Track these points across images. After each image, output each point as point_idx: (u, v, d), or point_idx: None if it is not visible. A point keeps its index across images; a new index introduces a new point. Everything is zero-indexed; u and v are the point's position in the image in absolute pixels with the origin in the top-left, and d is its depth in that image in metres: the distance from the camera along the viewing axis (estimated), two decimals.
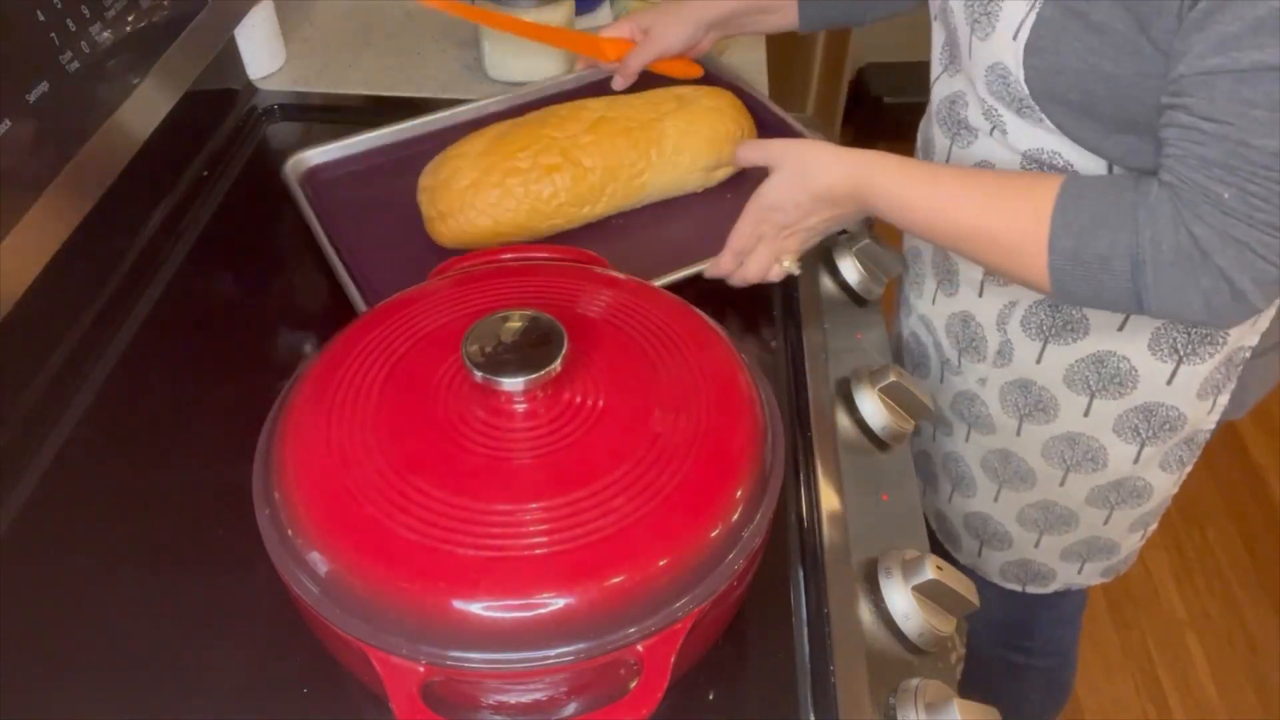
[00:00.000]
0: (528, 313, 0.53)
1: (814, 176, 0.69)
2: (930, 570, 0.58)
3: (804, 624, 0.60)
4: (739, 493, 0.50)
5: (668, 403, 0.52)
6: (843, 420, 0.72)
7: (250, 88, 1.04)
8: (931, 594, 0.59)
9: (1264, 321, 0.73)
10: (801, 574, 0.62)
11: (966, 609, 0.59)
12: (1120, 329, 0.73)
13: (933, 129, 0.78)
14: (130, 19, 0.76)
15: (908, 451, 0.73)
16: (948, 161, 0.76)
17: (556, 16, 0.99)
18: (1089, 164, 0.67)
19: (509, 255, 0.68)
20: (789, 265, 0.75)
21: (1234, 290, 0.57)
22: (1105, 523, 0.87)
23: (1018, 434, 0.83)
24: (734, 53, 1.09)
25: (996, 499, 0.90)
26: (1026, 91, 0.65)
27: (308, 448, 0.51)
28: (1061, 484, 0.84)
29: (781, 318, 0.79)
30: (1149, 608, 1.67)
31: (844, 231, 0.89)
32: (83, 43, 0.70)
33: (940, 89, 0.76)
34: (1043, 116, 0.66)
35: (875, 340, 0.81)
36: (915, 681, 0.55)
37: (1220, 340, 0.72)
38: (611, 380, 0.53)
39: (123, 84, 0.76)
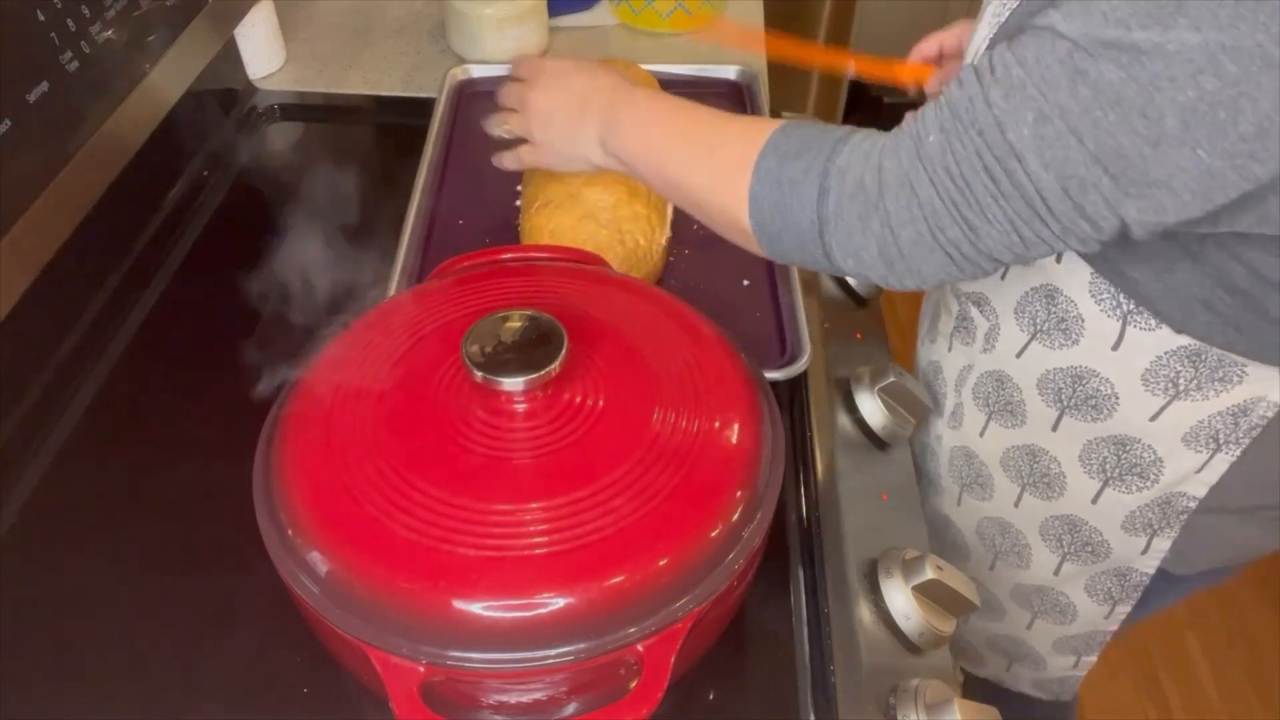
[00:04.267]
0: (528, 313, 0.53)
1: (598, 168, 0.69)
2: (930, 570, 0.58)
3: (804, 624, 0.60)
4: (739, 493, 0.50)
5: (668, 403, 0.52)
6: (843, 420, 0.72)
7: (250, 88, 1.04)
8: (931, 594, 0.59)
9: (1211, 474, 0.65)
10: (801, 574, 0.62)
11: (966, 609, 0.59)
12: (1054, 429, 0.68)
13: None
14: (130, 19, 0.76)
15: (908, 451, 0.73)
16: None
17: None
18: None
19: (509, 255, 0.68)
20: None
21: (896, 243, 0.52)
22: (1028, 627, 0.83)
23: (958, 503, 0.81)
24: (734, 52, 1.09)
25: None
26: None
27: (308, 448, 0.51)
28: (991, 568, 0.81)
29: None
30: None
31: None
32: (83, 43, 0.70)
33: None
34: None
35: (875, 340, 0.81)
36: (915, 681, 0.55)
37: (1152, 476, 0.66)
38: (611, 380, 0.53)
39: (123, 84, 0.76)
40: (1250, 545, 0.72)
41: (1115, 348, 0.62)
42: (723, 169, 0.59)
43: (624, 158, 0.66)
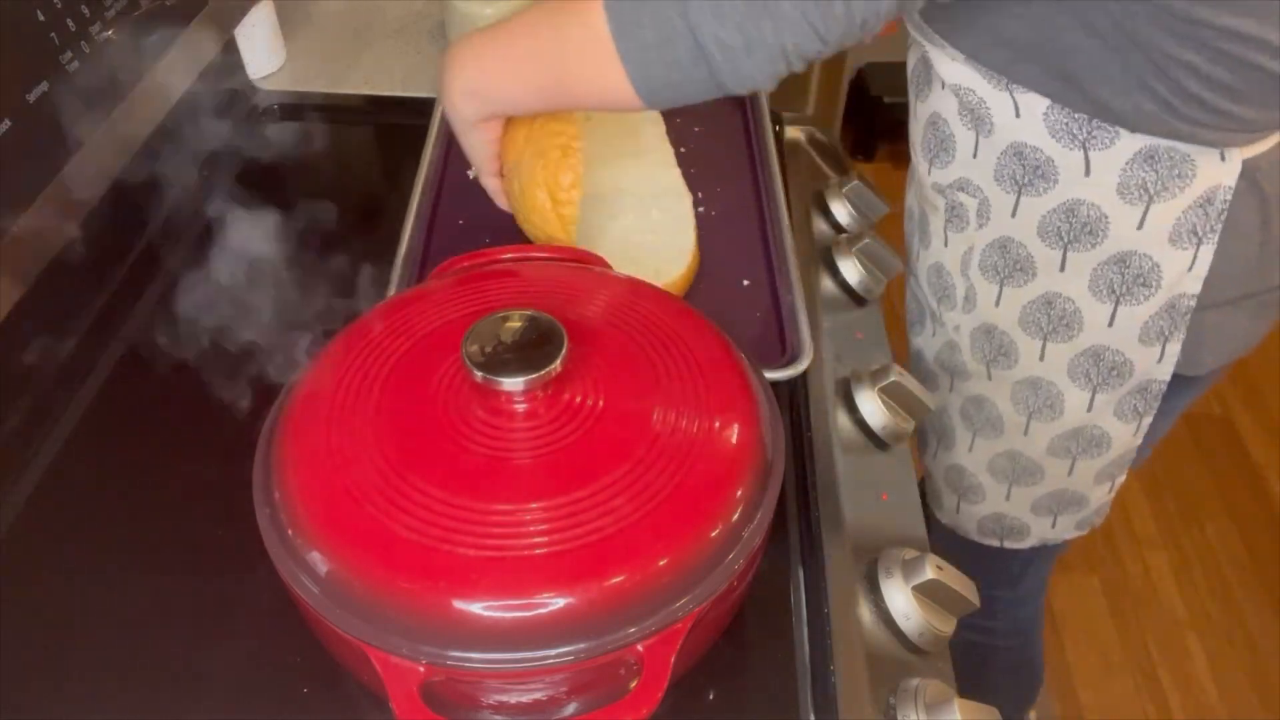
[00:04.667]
0: (528, 313, 0.53)
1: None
2: (930, 570, 0.58)
3: (804, 624, 0.60)
4: (739, 493, 0.50)
5: (668, 403, 0.52)
6: (843, 420, 0.72)
7: (250, 88, 1.04)
8: (931, 594, 0.59)
9: (1200, 267, 0.72)
10: (801, 574, 0.62)
11: (966, 609, 0.60)
12: (1061, 269, 0.74)
13: (910, 96, 0.82)
14: (130, 19, 0.76)
15: (908, 451, 0.73)
16: (916, 118, 0.80)
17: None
18: (965, 75, 0.70)
19: (509, 255, 0.68)
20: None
21: (764, 34, 0.55)
22: (1070, 474, 0.88)
23: (989, 378, 0.85)
24: None
25: (971, 449, 0.91)
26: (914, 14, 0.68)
27: (308, 447, 0.51)
28: (1025, 432, 0.86)
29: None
30: (1149, 607, 1.67)
31: (844, 231, 0.89)
32: (83, 43, 0.70)
33: (909, 58, 0.80)
34: (939, 39, 0.69)
35: (875, 340, 0.81)
36: (915, 681, 0.55)
37: (1154, 282, 0.72)
38: (611, 380, 0.53)
39: (122, 84, 0.76)
40: (1245, 336, 0.80)
41: (1087, 174, 0.69)
42: (570, 9, 0.60)
43: (486, 96, 0.68)
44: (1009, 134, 0.71)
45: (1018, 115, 0.69)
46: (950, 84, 0.72)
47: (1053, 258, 0.74)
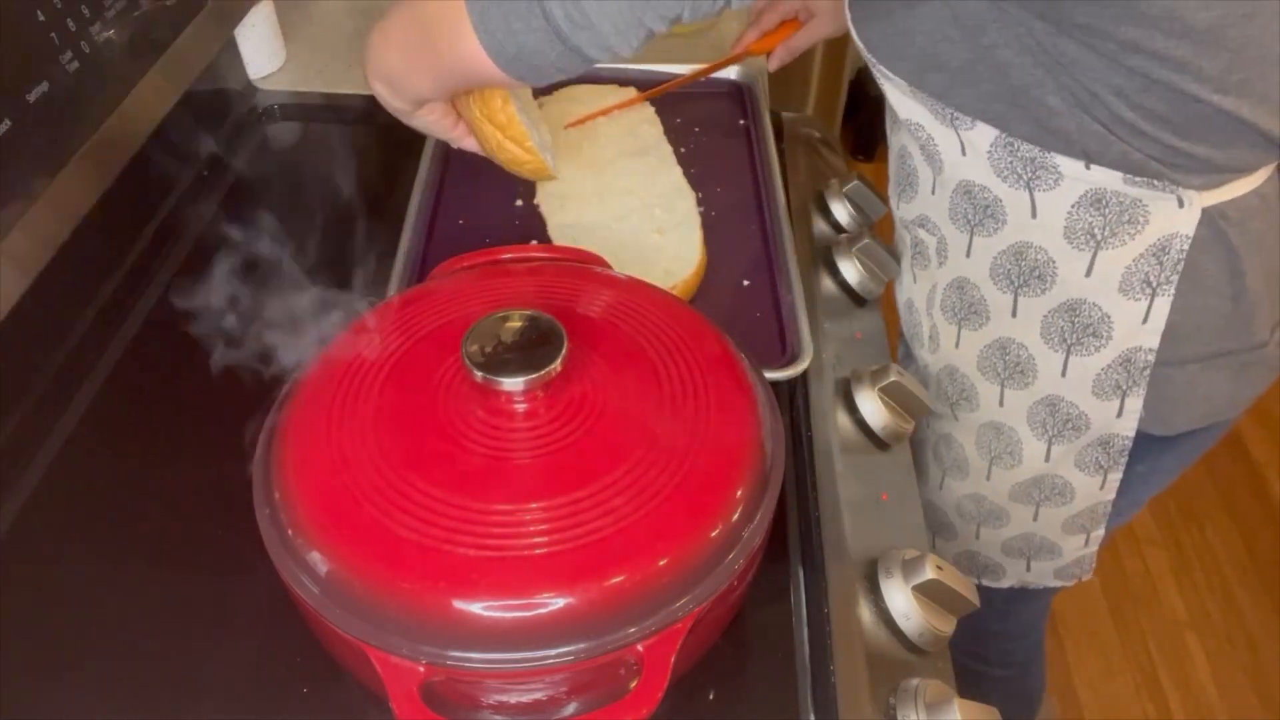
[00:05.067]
0: (528, 313, 0.53)
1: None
2: (930, 570, 0.58)
3: (804, 624, 0.60)
4: (739, 493, 0.50)
5: (668, 403, 0.52)
6: (843, 420, 0.72)
7: (250, 88, 1.04)
8: (931, 594, 0.59)
9: (1156, 320, 0.68)
10: (801, 574, 0.62)
11: (966, 609, 0.60)
12: (1013, 314, 0.73)
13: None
14: (130, 19, 0.76)
15: (908, 451, 0.73)
16: (891, 150, 0.80)
17: None
18: (914, 110, 0.69)
19: (509, 255, 0.68)
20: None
21: None
22: (1034, 519, 0.86)
23: (955, 419, 0.84)
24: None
25: (941, 487, 0.91)
26: (860, 43, 0.68)
27: (308, 448, 0.51)
28: (988, 477, 0.85)
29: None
30: (1149, 608, 1.67)
31: (844, 231, 0.89)
32: (83, 43, 0.70)
33: None
34: (885, 71, 0.68)
35: (875, 340, 0.81)
36: (915, 681, 0.55)
37: (1104, 334, 0.70)
38: (611, 380, 0.53)
39: (122, 84, 0.76)
40: (1226, 397, 0.74)
41: (1034, 215, 0.67)
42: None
43: (404, 89, 0.66)
44: (958, 172, 0.70)
45: (964, 153, 0.68)
46: (903, 119, 0.72)
47: (1004, 301, 0.73)
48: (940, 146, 0.70)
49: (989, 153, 0.66)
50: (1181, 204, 0.63)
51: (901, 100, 0.70)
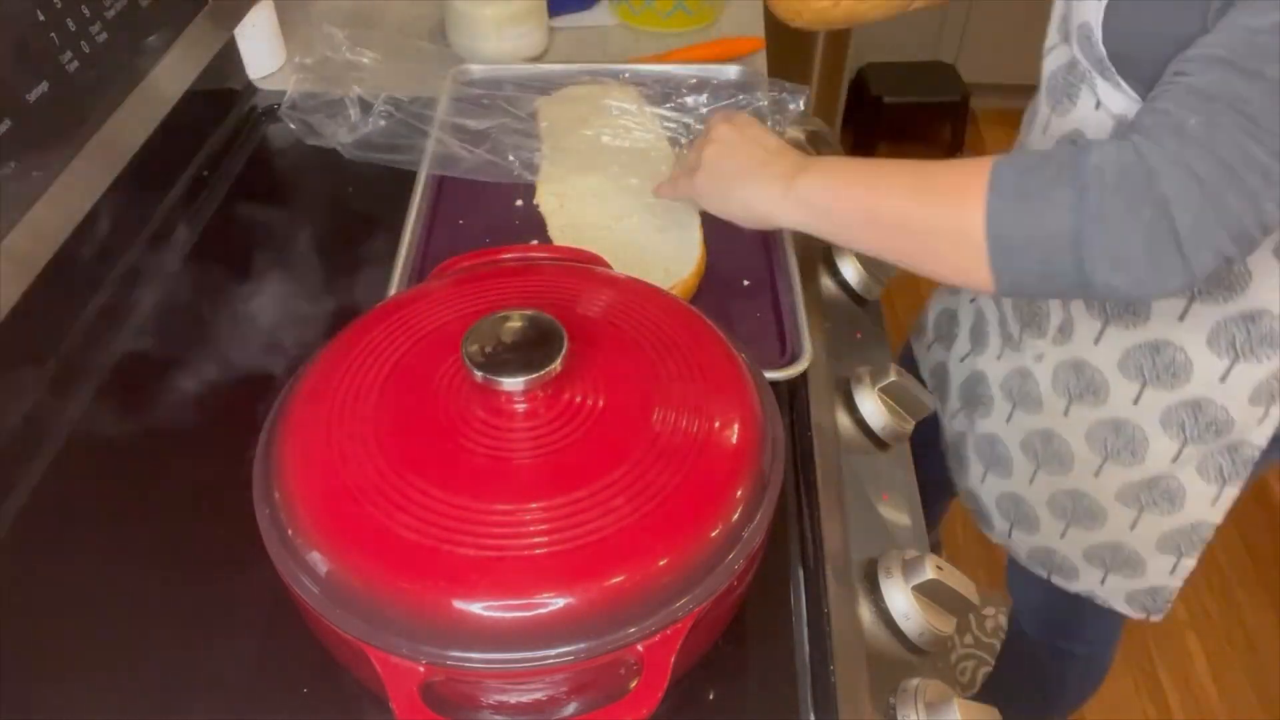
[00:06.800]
0: (528, 313, 0.53)
1: (762, 219, 0.70)
2: (930, 570, 0.58)
3: (804, 624, 0.60)
4: (739, 493, 0.50)
5: (668, 403, 0.52)
6: (843, 420, 0.72)
7: (250, 88, 1.04)
8: (931, 594, 0.59)
9: None
10: (801, 574, 0.62)
11: (967, 609, 0.60)
12: (1181, 318, 0.72)
13: (1039, 99, 0.78)
14: (130, 19, 0.76)
15: (908, 451, 0.73)
16: (1045, 131, 0.75)
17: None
18: (1129, 107, 0.66)
19: (509, 255, 0.68)
20: None
21: (1173, 229, 0.52)
22: (1132, 527, 0.85)
23: (1065, 414, 0.83)
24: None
25: (1032, 481, 0.89)
26: (1104, 52, 0.63)
27: (308, 448, 0.51)
28: (1096, 474, 0.84)
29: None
30: None
31: None
32: (83, 43, 0.70)
33: (1051, 60, 0.75)
34: (1120, 80, 0.64)
35: (875, 340, 0.81)
36: (915, 681, 0.55)
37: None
38: (611, 380, 0.53)
39: (123, 84, 0.76)
40: None
41: None
42: (947, 191, 0.58)
43: (816, 199, 0.65)
44: None
45: None
46: (1111, 110, 0.68)
47: (1175, 305, 0.71)
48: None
49: None
50: None
51: (1113, 94, 0.67)
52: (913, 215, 0.61)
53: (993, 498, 0.95)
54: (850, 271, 0.83)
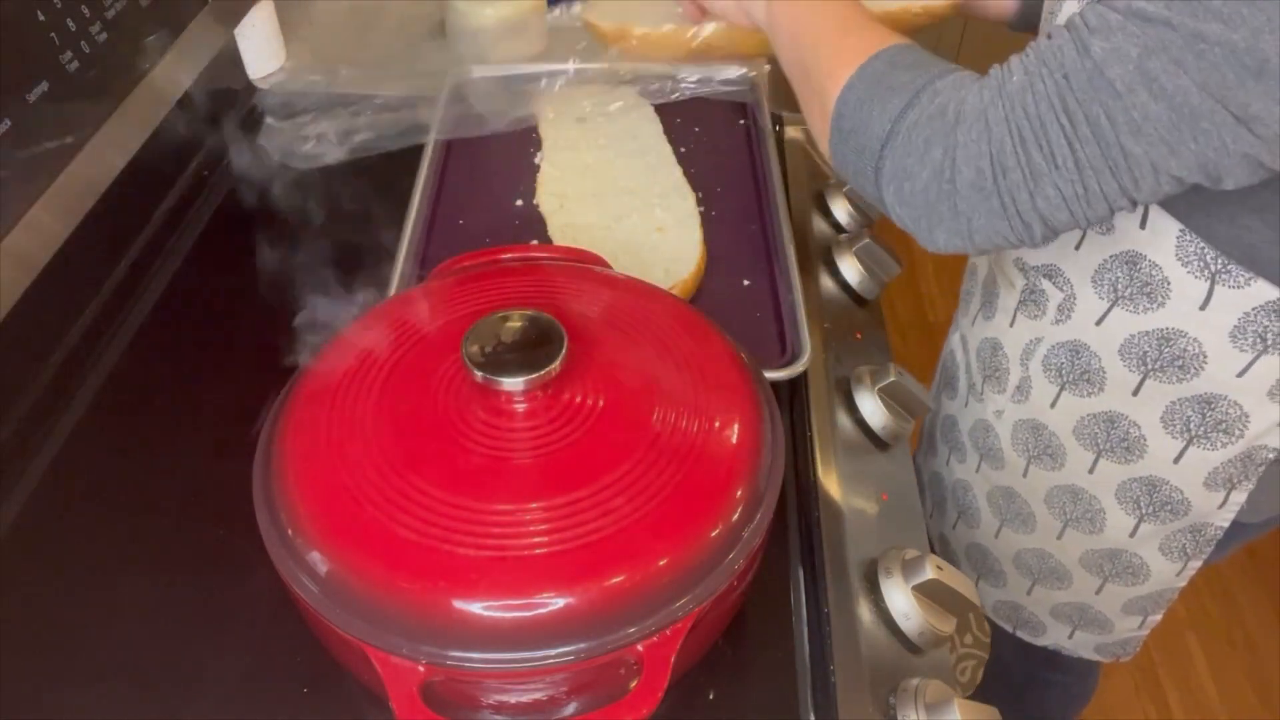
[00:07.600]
0: (528, 313, 0.53)
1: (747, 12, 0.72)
2: (930, 570, 0.58)
3: (804, 624, 0.60)
4: (739, 493, 0.50)
5: (668, 403, 0.52)
6: (843, 420, 0.72)
7: (250, 88, 1.04)
8: (931, 594, 0.59)
9: None
10: (801, 574, 0.62)
11: (966, 609, 0.59)
12: (1135, 393, 0.69)
13: None
14: (130, 19, 0.76)
15: (907, 451, 0.73)
16: None
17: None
18: None
19: (509, 255, 0.68)
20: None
21: (952, 180, 0.51)
22: (1097, 592, 0.83)
23: (1024, 475, 0.81)
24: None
25: (997, 535, 0.87)
26: None
27: (308, 448, 0.51)
28: (1059, 537, 0.82)
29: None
30: None
31: (844, 231, 0.89)
32: (83, 43, 0.70)
33: None
34: None
35: (875, 340, 0.81)
36: (915, 681, 0.55)
37: (1238, 431, 0.67)
38: (611, 380, 0.53)
39: (122, 83, 0.76)
40: None
41: (1203, 307, 0.62)
42: (840, 53, 0.59)
43: (776, 20, 0.67)
44: (1127, 240, 0.64)
45: (1143, 226, 0.63)
46: None
47: (1128, 379, 0.69)
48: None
49: (1178, 236, 0.61)
50: None
51: None
52: (812, 68, 0.62)
53: (962, 546, 0.93)
54: (850, 271, 0.83)
